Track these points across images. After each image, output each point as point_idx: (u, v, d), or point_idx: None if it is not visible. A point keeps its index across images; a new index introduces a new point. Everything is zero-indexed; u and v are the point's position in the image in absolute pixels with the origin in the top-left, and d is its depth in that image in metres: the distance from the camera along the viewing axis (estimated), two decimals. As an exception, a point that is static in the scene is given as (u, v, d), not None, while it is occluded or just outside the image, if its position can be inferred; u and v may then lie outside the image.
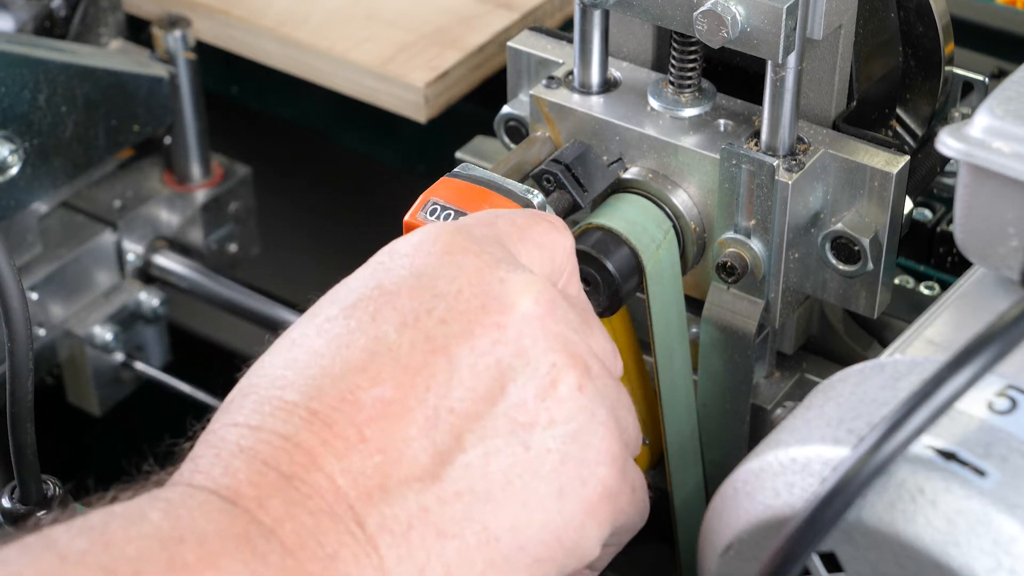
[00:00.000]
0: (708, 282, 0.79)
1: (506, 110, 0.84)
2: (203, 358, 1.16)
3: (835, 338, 0.85)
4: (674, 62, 0.78)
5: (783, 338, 0.84)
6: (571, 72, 0.80)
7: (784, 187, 0.74)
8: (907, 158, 0.75)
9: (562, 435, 0.62)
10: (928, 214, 0.92)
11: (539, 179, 0.76)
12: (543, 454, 0.61)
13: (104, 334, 1.07)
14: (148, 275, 1.10)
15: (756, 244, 0.76)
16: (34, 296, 1.04)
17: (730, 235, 0.77)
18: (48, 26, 1.05)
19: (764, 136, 0.75)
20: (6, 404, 0.73)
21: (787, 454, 0.62)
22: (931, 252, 0.93)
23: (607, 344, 0.66)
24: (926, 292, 0.92)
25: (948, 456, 0.59)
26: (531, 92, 0.81)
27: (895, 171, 0.74)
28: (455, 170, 0.73)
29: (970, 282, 0.70)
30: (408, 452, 0.58)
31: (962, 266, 0.72)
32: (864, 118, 0.79)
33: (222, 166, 1.13)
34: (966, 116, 0.84)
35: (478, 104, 1.05)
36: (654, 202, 0.78)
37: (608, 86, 0.80)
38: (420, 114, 1.04)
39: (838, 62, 0.76)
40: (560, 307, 0.63)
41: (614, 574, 0.73)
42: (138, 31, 1.11)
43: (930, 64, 0.79)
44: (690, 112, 0.78)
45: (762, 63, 0.74)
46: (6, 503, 0.75)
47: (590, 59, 0.79)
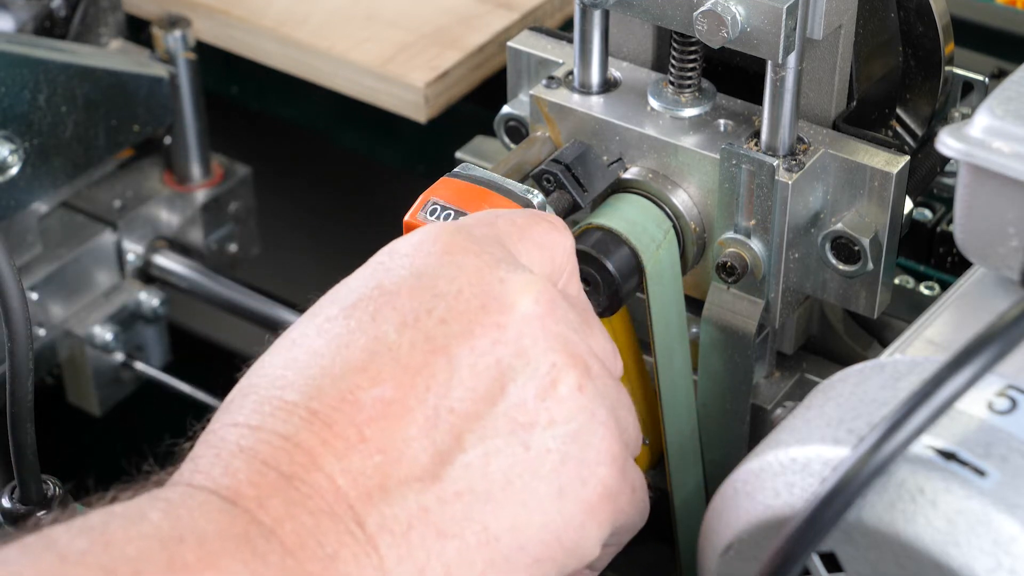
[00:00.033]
0: (708, 282, 0.79)
1: (506, 110, 0.84)
2: (203, 358, 1.16)
3: (835, 338, 0.85)
4: (674, 62, 0.78)
5: (783, 338, 0.84)
6: (571, 72, 0.80)
7: (784, 187, 0.74)
8: (907, 158, 0.75)
9: (562, 435, 0.62)
10: (928, 214, 0.92)
11: (539, 179, 0.76)
12: (543, 454, 0.61)
13: (104, 334, 1.07)
14: (148, 275, 1.09)
15: (756, 244, 0.76)
16: (34, 296, 1.04)
17: (730, 235, 0.77)
18: (48, 26, 1.05)
19: (764, 136, 0.75)
20: (6, 404, 0.73)
21: (787, 454, 0.62)
22: (931, 252, 0.93)
23: (607, 344, 0.66)
24: (926, 292, 0.92)
25: (948, 456, 0.59)
26: (531, 92, 0.80)
27: (895, 171, 0.74)
28: (455, 170, 0.73)
29: (970, 282, 0.70)
30: (408, 452, 0.58)
31: (962, 266, 0.72)
32: (864, 118, 0.79)
33: (222, 166, 1.13)
34: (966, 116, 0.84)
35: (478, 104, 1.05)
36: (654, 202, 0.78)
37: (608, 86, 0.80)
38: (420, 114, 1.04)
39: (838, 62, 0.76)
40: (560, 307, 0.63)
41: (614, 574, 0.73)
42: (138, 31, 1.11)
43: (930, 64, 0.79)
44: (690, 112, 0.78)
45: (762, 63, 0.74)
46: (6, 503, 0.75)
47: (590, 59, 0.79)
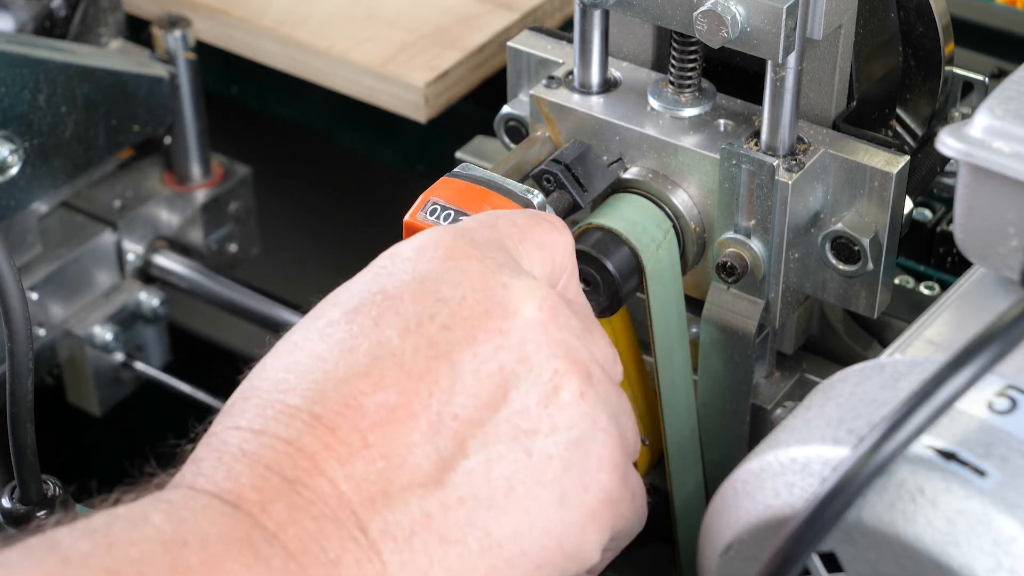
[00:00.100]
0: (708, 282, 0.79)
1: (506, 110, 0.84)
2: (203, 358, 1.16)
3: (835, 338, 0.85)
4: (674, 62, 0.78)
5: (783, 338, 0.84)
6: (571, 72, 0.80)
7: (784, 187, 0.74)
8: (907, 158, 0.75)
9: (564, 442, 0.62)
10: (928, 214, 0.92)
11: (539, 179, 0.76)
12: (545, 460, 0.61)
13: (104, 334, 1.07)
14: (148, 275, 1.09)
15: (756, 244, 0.76)
16: (34, 296, 1.04)
17: (730, 235, 0.77)
18: (48, 26, 1.05)
19: (764, 136, 0.75)
20: (6, 404, 0.73)
21: (787, 454, 0.62)
22: (931, 252, 0.93)
23: (608, 349, 0.66)
24: (926, 292, 0.92)
25: (948, 456, 0.59)
26: (531, 92, 0.80)
27: (895, 171, 0.74)
28: (455, 170, 0.73)
29: (970, 282, 0.70)
30: (411, 458, 0.58)
31: (962, 266, 0.72)
32: (864, 118, 0.79)
33: (222, 166, 1.13)
34: (966, 116, 0.84)
35: (478, 104, 1.05)
36: (654, 202, 0.78)
37: (608, 86, 0.80)
38: (420, 114, 1.04)
39: (838, 62, 0.76)
40: (563, 313, 0.63)
41: (614, 574, 0.73)
42: (138, 31, 1.11)
43: (930, 64, 0.79)
44: (690, 112, 0.78)
45: (762, 63, 0.74)
46: (6, 503, 0.75)
47: (590, 59, 0.79)
